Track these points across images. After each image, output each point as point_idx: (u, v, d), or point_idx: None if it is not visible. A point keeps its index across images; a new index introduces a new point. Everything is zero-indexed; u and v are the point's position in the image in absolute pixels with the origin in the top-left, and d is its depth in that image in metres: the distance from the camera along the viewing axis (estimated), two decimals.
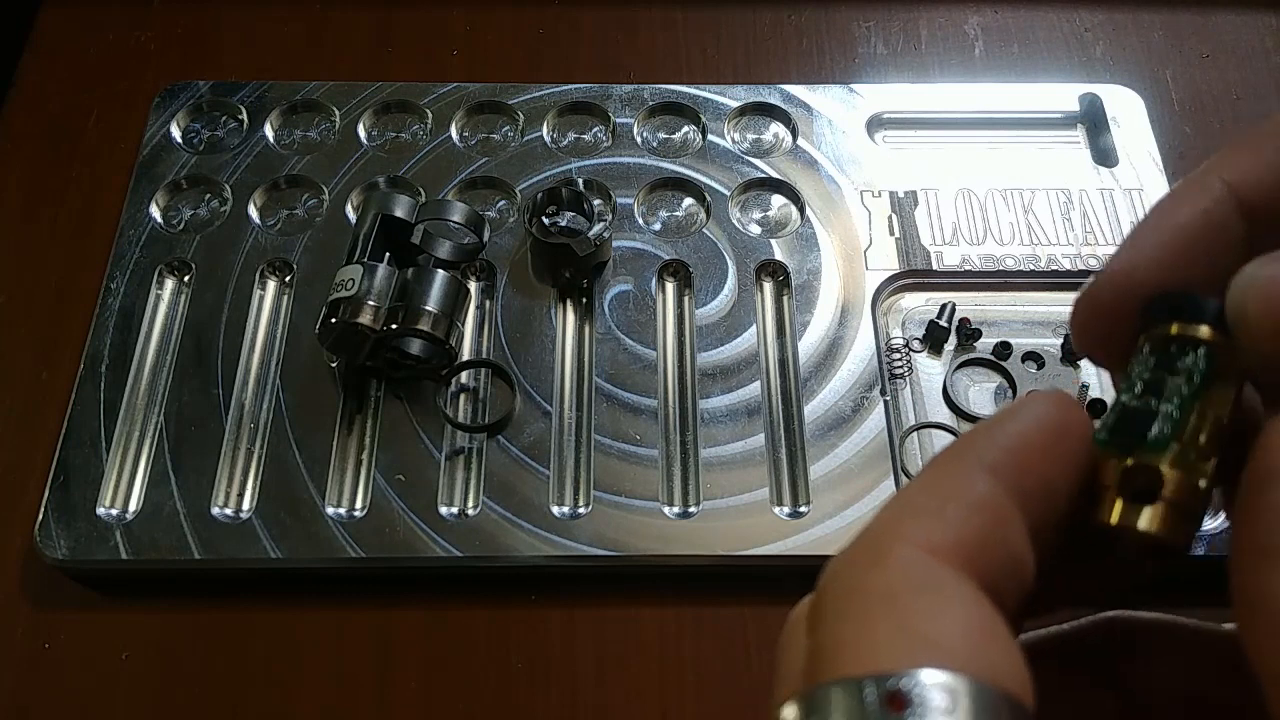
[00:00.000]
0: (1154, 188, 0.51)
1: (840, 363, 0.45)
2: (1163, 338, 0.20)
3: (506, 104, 0.53)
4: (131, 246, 0.47)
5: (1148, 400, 0.19)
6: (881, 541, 0.18)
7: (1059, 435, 0.19)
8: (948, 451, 0.20)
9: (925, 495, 0.19)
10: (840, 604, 0.18)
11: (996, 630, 0.17)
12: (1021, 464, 0.19)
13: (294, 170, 0.50)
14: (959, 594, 0.17)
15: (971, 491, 0.18)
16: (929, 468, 0.20)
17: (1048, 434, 0.19)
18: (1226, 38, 0.58)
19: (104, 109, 0.53)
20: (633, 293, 0.47)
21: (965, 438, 0.20)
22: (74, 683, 0.39)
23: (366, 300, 0.42)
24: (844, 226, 0.49)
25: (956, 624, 0.17)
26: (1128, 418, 0.19)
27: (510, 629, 0.40)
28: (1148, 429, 0.19)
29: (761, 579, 0.41)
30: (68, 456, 0.42)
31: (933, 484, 0.19)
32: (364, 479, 0.42)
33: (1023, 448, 0.19)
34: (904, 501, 0.19)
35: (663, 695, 0.39)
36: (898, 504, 0.19)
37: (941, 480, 0.19)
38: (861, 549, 0.18)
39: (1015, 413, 0.20)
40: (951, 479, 0.19)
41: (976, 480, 0.19)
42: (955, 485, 0.19)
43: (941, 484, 0.19)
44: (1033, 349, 0.46)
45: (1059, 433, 0.19)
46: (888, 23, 0.58)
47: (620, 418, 0.44)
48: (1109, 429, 0.19)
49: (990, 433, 0.19)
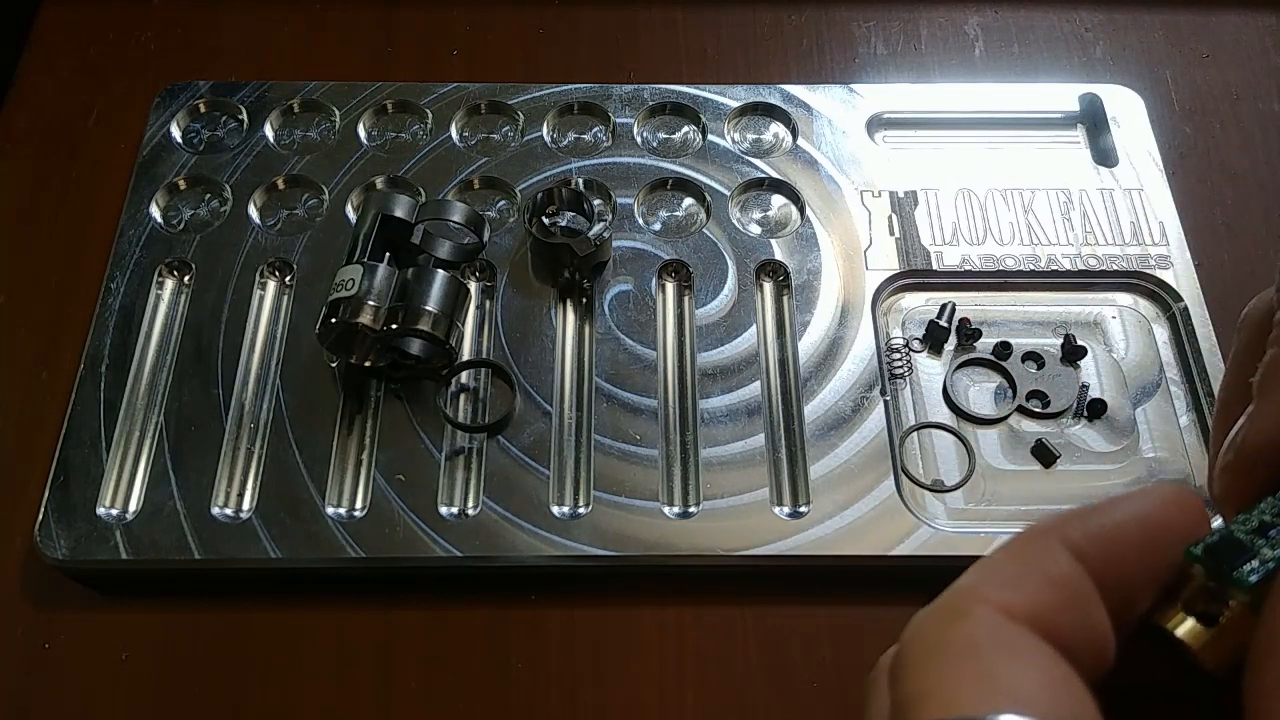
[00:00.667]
0: (1154, 188, 0.51)
1: (840, 363, 0.45)
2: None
3: (506, 104, 0.53)
4: (131, 246, 0.47)
5: (1254, 539, 0.20)
6: (962, 601, 0.19)
7: (1158, 534, 0.20)
8: (1034, 526, 0.20)
9: (1007, 564, 0.20)
10: (923, 656, 0.19)
11: (1072, 684, 0.18)
12: (1109, 554, 0.20)
13: (294, 170, 0.50)
14: (1037, 650, 0.18)
15: (1053, 567, 0.19)
16: (1016, 538, 0.20)
17: (1146, 531, 0.20)
18: (1226, 38, 0.58)
19: (104, 109, 0.53)
20: (633, 293, 0.47)
21: (1061, 515, 0.20)
22: (74, 683, 0.39)
23: (367, 300, 0.42)
24: (844, 226, 0.49)
25: (1035, 676, 0.18)
26: (1228, 545, 0.20)
27: (510, 629, 0.40)
28: (1241, 564, 0.19)
29: (761, 579, 0.41)
30: (68, 456, 0.42)
31: (1016, 554, 0.20)
32: (364, 479, 0.42)
33: (1114, 539, 0.20)
34: (986, 567, 0.20)
35: (663, 695, 0.39)
36: (980, 569, 0.20)
37: (1024, 551, 0.20)
38: (943, 607, 0.20)
39: (1122, 502, 0.20)
40: (1034, 552, 0.20)
41: (1060, 558, 0.19)
42: (1036, 558, 0.20)
43: (1023, 555, 0.20)
44: (1033, 349, 0.46)
45: (1159, 532, 0.20)
46: (888, 23, 0.58)
47: (620, 418, 0.44)
48: (1206, 548, 0.20)
49: (1086, 516, 0.20)
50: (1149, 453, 0.44)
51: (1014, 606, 0.19)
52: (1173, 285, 0.47)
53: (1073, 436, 0.44)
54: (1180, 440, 0.44)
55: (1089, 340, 0.46)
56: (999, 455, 0.44)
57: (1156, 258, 0.48)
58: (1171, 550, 0.20)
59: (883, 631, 0.41)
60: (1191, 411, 0.45)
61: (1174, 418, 0.45)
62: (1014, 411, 0.45)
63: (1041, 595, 0.19)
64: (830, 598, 0.41)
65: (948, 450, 0.44)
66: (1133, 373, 0.46)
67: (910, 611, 0.44)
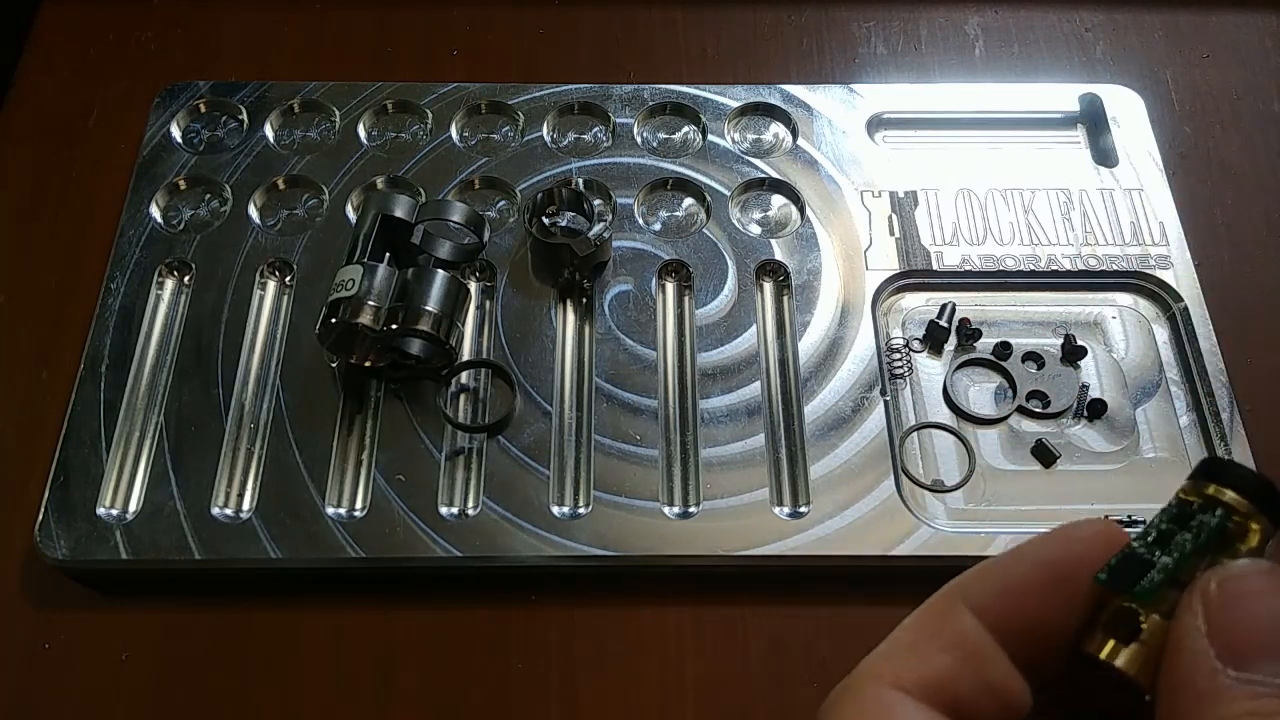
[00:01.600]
0: (1154, 188, 0.51)
1: (840, 363, 0.45)
2: (1194, 495, 0.21)
3: (506, 104, 0.53)
4: (131, 246, 0.47)
5: (1153, 550, 0.20)
6: (857, 679, 0.21)
7: (1062, 575, 0.21)
8: (941, 590, 0.22)
9: (906, 633, 0.21)
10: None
11: None
12: (1008, 605, 0.21)
13: (294, 170, 0.50)
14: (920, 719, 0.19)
15: (951, 630, 0.21)
16: (922, 606, 0.22)
17: (1049, 574, 0.21)
18: (1226, 38, 0.58)
19: (104, 109, 0.53)
20: (633, 293, 0.47)
21: (962, 576, 0.22)
22: (74, 683, 0.39)
23: (367, 300, 0.42)
24: (844, 226, 0.49)
25: None
26: (1128, 562, 0.20)
27: (510, 629, 0.40)
28: (1139, 578, 0.20)
29: (761, 579, 0.41)
30: (68, 456, 0.42)
31: (917, 621, 0.21)
32: (364, 479, 0.42)
33: (1013, 589, 0.21)
34: (890, 639, 0.21)
35: (663, 695, 0.39)
36: (887, 641, 0.21)
37: (924, 619, 0.21)
38: (844, 685, 0.21)
39: (1025, 549, 0.21)
40: (933, 618, 0.21)
41: (959, 620, 0.21)
42: (937, 625, 0.21)
43: (923, 622, 0.21)
44: (1033, 349, 0.46)
45: (1063, 573, 0.21)
46: (888, 23, 0.58)
47: (620, 418, 0.44)
48: (1109, 570, 0.20)
49: (982, 574, 0.21)
50: (1149, 453, 0.44)
51: (905, 680, 0.20)
52: (1173, 285, 0.47)
53: (1073, 437, 0.44)
54: (1180, 440, 0.44)
55: (1089, 340, 0.46)
56: (999, 455, 0.44)
57: (1156, 258, 0.48)
58: (1082, 585, 0.21)
59: (882, 632, 0.41)
60: (1191, 412, 0.45)
61: (1174, 418, 0.45)
62: (1014, 412, 0.45)
63: (935, 662, 0.20)
64: (830, 598, 0.41)
65: (948, 450, 0.44)
66: (1133, 373, 0.46)
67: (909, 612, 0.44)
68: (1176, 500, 0.21)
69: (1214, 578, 0.19)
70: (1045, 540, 0.21)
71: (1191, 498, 0.21)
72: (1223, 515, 0.20)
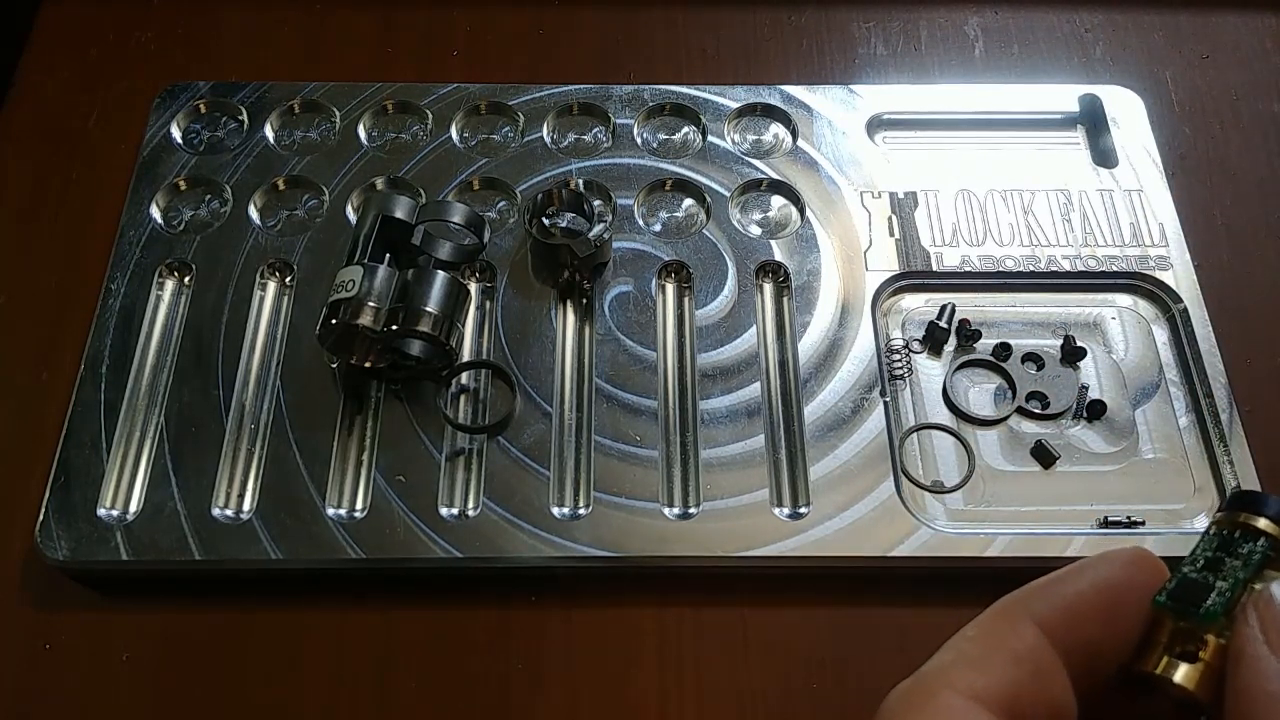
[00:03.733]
0: (1154, 188, 0.51)
1: (840, 364, 0.45)
2: (1229, 524, 0.23)
3: (506, 104, 0.53)
4: (132, 247, 0.47)
5: (1206, 575, 0.22)
6: (930, 685, 0.21)
7: (1119, 596, 0.22)
8: (1004, 601, 0.22)
9: (976, 643, 0.21)
10: None
11: None
12: (1071, 623, 0.21)
13: (294, 171, 0.50)
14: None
15: (1020, 643, 0.21)
16: (986, 614, 0.22)
17: (1107, 595, 0.22)
18: (1226, 38, 0.58)
19: (104, 109, 0.53)
20: (633, 293, 0.47)
21: (1025, 589, 0.22)
22: (74, 683, 0.39)
23: (367, 301, 0.42)
24: (844, 227, 0.49)
25: None
26: (1187, 587, 0.22)
27: (510, 629, 0.40)
28: (1203, 601, 0.21)
29: (761, 579, 0.41)
30: (68, 457, 0.42)
31: (984, 632, 0.21)
32: (364, 479, 0.42)
33: (1075, 607, 0.21)
34: (956, 646, 0.21)
35: (663, 695, 0.39)
36: (951, 648, 0.21)
37: (993, 629, 0.21)
38: (913, 690, 0.21)
39: (1082, 570, 0.22)
40: (1002, 629, 0.21)
41: (1025, 633, 0.21)
42: (1005, 636, 0.21)
43: (991, 634, 0.21)
44: (1033, 350, 0.46)
45: (1120, 594, 0.22)
46: (888, 23, 0.58)
47: (620, 418, 0.44)
48: (1169, 594, 0.22)
49: (1049, 588, 0.22)
50: (1149, 454, 0.44)
51: (978, 689, 0.20)
52: (1172, 286, 0.47)
53: (1072, 437, 0.44)
54: (1180, 441, 0.44)
55: (1089, 341, 0.46)
56: (999, 456, 0.44)
57: (1156, 259, 0.48)
58: (1133, 608, 0.22)
59: (882, 632, 0.41)
60: (1191, 412, 0.45)
61: (1173, 419, 0.45)
62: (1014, 412, 0.45)
63: (1005, 674, 0.20)
64: (830, 598, 0.41)
65: (947, 451, 0.44)
66: (1132, 374, 0.46)
67: (909, 612, 0.44)
68: (1215, 529, 0.23)
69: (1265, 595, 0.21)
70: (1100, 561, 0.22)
71: (1229, 527, 0.23)
72: (1266, 543, 0.22)
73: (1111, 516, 0.42)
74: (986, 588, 0.23)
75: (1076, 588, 0.22)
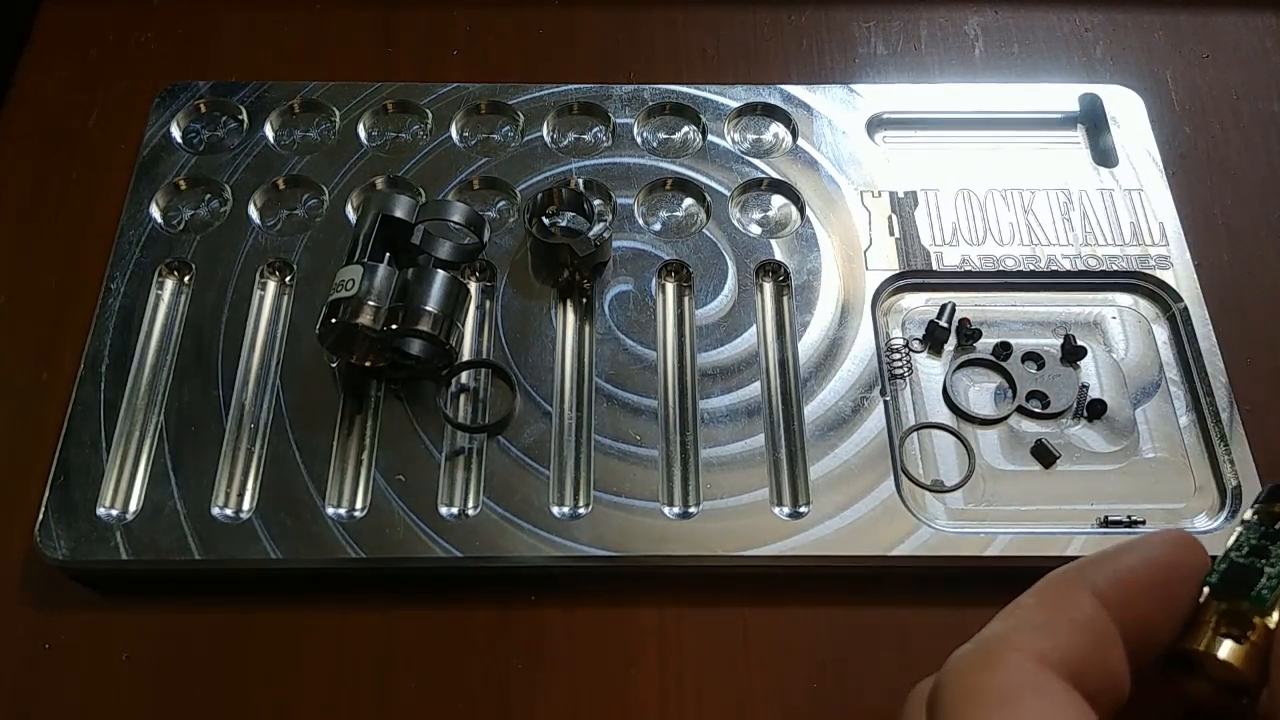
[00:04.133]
0: (1154, 188, 0.51)
1: (840, 363, 0.45)
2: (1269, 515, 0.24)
3: (506, 104, 0.53)
4: (131, 247, 0.47)
5: (1255, 561, 0.23)
6: (997, 648, 0.21)
7: (1169, 575, 0.22)
8: (1063, 571, 0.22)
9: (1038, 611, 0.22)
10: (960, 701, 0.20)
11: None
12: (1128, 597, 0.22)
13: (294, 170, 0.50)
14: (1065, 696, 0.20)
15: (1080, 613, 0.21)
16: (1044, 584, 0.22)
17: (1158, 573, 0.22)
18: (1226, 38, 0.58)
19: (104, 109, 0.53)
20: (633, 293, 0.47)
21: (1081, 562, 0.22)
22: (74, 683, 0.39)
23: (367, 300, 0.42)
24: (844, 227, 0.49)
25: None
26: (1237, 572, 0.23)
27: (510, 629, 0.40)
28: (1254, 585, 0.22)
29: (761, 579, 0.41)
30: (68, 456, 0.42)
31: (1045, 600, 0.22)
32: (364, 479, 0.42)
33: (1131, 582, 0.22)
34: (1017, 613, 0.22)
35: (663, 695, 0.39)
36: (1012, 614, 0.22)
37: (1054, 598, 0.22)
38: (979, 652, 0.21)
39: (1134, 547, 0.23)
40: (1063, 599, 0.22)
41: (1085, 603, 0.21)
42: (1065, 605, 0.21)
43: (1053, 602, 0.22)
44: (1033, 349, 0.46)
45: (1170, 573, 0.22)
46: (888, 23, 0.58)
47: (620, 418, 0.44)
48: (1220, 577, 0.23)
49: (1104, 562, 0.22)
50: (1149, 453, 0.44)
51: (1045, 653, 0.20)
52: (1173, 285, 0.47)
53: (1073, 437, 0.44)
54: (1180, 440, 0.44)
55: (1089, 340, 0.46)
56: (999, 455, 0.44)
57: (1156, 258, 0.48)
58: (1181, 587, 0.22)
59: (882, 632, 0.41)
60: (1191, 412, 0.45)
61: (1174, 418, 0.45)
62: (1014, 412, 0.45)
63: (1070, 641, 0.21)
64: (830, 598, 0.41)
65: (948, 450, 0.44)
66: (1133, 373, 0.46)
67: (909, 611, 0.44)
68: (1256, 518, 0.24)
69: None
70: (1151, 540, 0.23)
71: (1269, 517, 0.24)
72: None
73: (1112, 516, 0.42)
74: (987, 587, 0.23)
75: (1129, 563, 0.22)
